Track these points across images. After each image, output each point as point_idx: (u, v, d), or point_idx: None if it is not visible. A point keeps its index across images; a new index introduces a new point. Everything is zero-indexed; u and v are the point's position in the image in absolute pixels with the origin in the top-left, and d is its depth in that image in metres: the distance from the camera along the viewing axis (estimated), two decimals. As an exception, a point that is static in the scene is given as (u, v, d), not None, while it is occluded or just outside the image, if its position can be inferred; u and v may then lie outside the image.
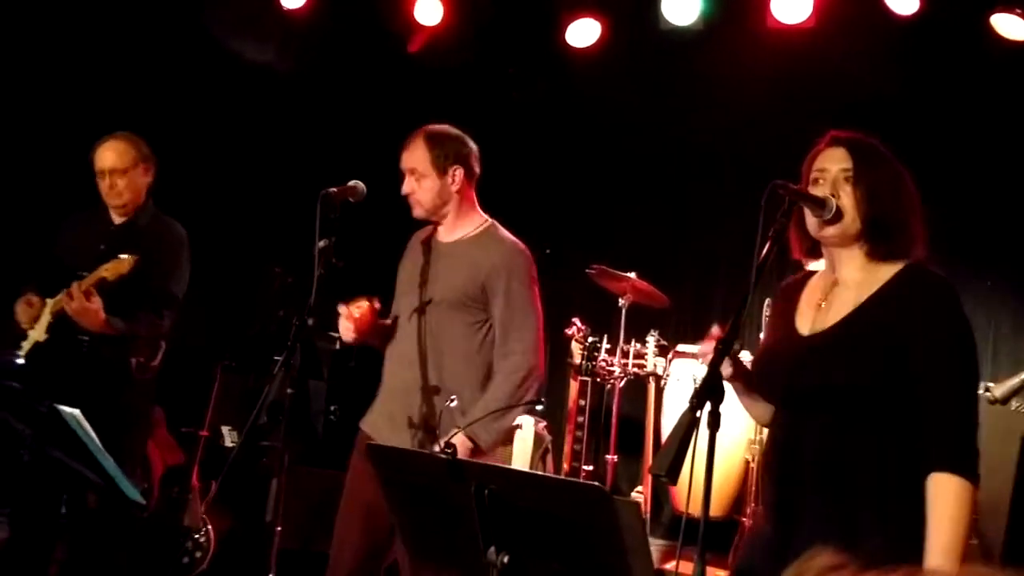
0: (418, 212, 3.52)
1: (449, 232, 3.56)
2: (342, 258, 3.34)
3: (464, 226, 3.54)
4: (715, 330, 2.58)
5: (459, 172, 3.48)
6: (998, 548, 4.94)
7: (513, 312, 3.42)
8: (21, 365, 4.13)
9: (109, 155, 4.28)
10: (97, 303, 3.97)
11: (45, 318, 4.17)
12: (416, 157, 3.45)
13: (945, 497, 2.24)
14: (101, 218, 4.38)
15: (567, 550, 2.23)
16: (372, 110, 6.67)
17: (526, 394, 3.37)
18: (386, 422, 3.45)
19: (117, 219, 4.37)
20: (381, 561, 3.44)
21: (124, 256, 3.96)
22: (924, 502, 2.28)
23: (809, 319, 2.51)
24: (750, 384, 2.60)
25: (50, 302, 4.18)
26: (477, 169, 3.58)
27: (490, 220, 3.60)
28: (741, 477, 5.21)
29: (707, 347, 2.53)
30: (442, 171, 3.46)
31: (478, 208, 3.61)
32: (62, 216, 4.54)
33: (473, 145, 3.58)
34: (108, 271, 3.97)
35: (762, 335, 4.79)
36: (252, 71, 6.47)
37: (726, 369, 2.46)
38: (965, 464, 2.27)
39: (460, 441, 3.25)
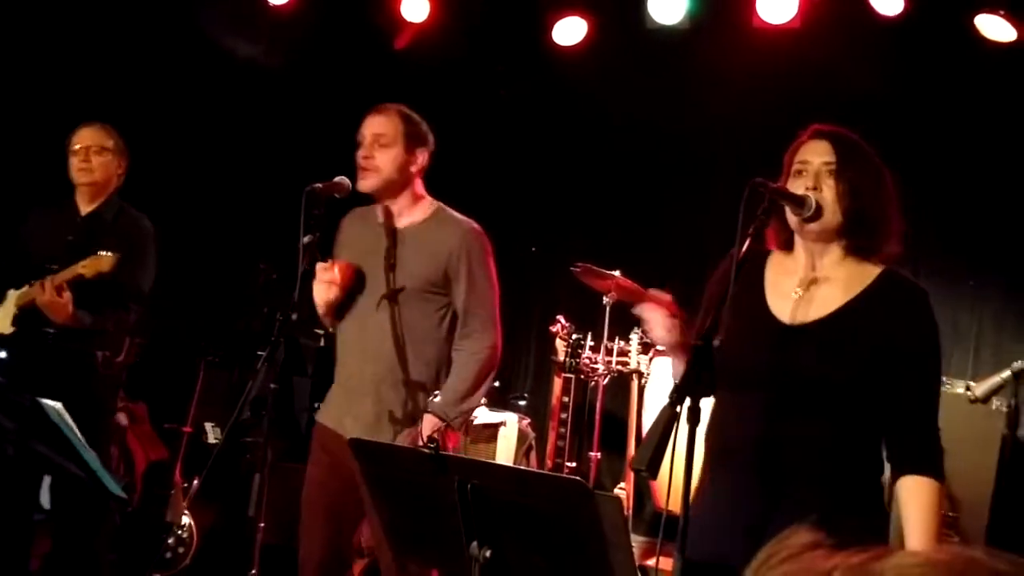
0: (371, 182, 3.40)
1: (400, 216, 3.48)
2: (327, 254, 3.35)
3: (415, 211, 3.48)
4: (664, 296, 2.66)
5: (423, 156, 3.46)
6: (979, 546, 4.97)
7: (475, 293, 3.43)
8: (1, 360, 4.12)
9: (89, 132, 4.32)
10: (67, 297, 3.95)
11: (10, 310, 4.15)
12: (387, 124, 3.39)
13: (920, 499, 2.34)
14: (67, 209, 4.36)
15: (549, 545, 2.24)
16: (358, 106, 6.63)
17: (491, 371, 3.46)
18: (350, 415, 3.39)
19: (84, 208, 4.34)
20: (350, 549, 3.43)
21: (104, 253, 3.91)
22: (872, 490, 2.43)
23: (787, 308, 2.51)
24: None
25: (15, 294, 4.16)
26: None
27: (437, 202, 3.56)
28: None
29: (642, 308, 2.62)
30: (410, 148, 3.41)
31: (427, 195, 3.57)
32: (26, 208, 4.51)
33: None
34: (86, 268, 3.93)
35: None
36: (238, 67, 6.47)
37: (671, 335, 2.51)
38: (937, 466, 2.39)
39: (431, 420, 3.26)
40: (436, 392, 3.37)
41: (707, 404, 2.23)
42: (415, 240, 3.42)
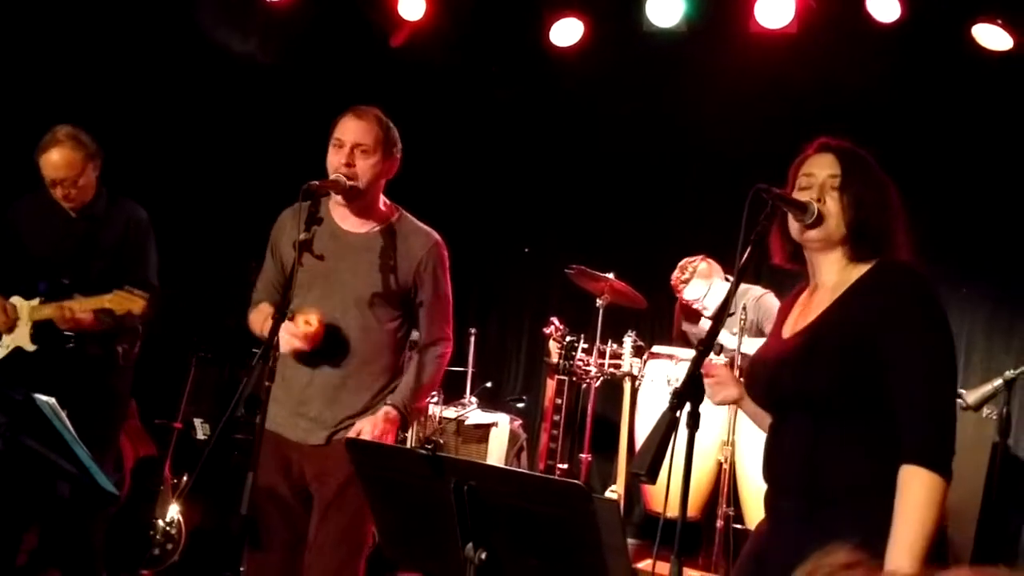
0: (352, 186, 3.31)
1: (360, 222, 3.43)
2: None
3: (376, 216, 3.44)
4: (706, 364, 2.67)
5: (397, 162, 3.45)
6: (967, 554, 4.99)
7: (438, 300, 3.45)
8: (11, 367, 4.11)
9: (60, 162, 4.14)
10: (89, 316, 4.01)
11: (26, 324, 4.14)
12: (368, 132, 3.34)
13: (912, 490, 2.20)
14: (57, 208, 4.28)
15: (545, 547, 2.23)
16: (354, 104, 6.65)
17: (442, 373, 3.55)
18: (303, 418, 3.34)
19: (73, 211, 4.30)
20: (303, 547, 3.39)
21: (137, 294, 3.88)
22: (875, 495, 2.27)
23: (791, 324, 2.56)
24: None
25: (27, 307, 4.15)
26: None
27: (399, 208, 3.53)
28: (713, 478, 5.24)
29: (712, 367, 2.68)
30: (388, 154, 3.40)
31: (387, 199, 3.54)
32: (7, 200, 4.46)
33: None
34: (114, 303, 3.90)
35: (739, 337, 4.82)
36: (234, 63, 6.44)
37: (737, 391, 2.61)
38: (936, 458, 2.22)
39: (390, 412, 3.26)
40: (386, 395, 3.36)
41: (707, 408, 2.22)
42: (380, 246, 3.38)
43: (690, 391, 2.11)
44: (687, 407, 2.12)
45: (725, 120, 6.26)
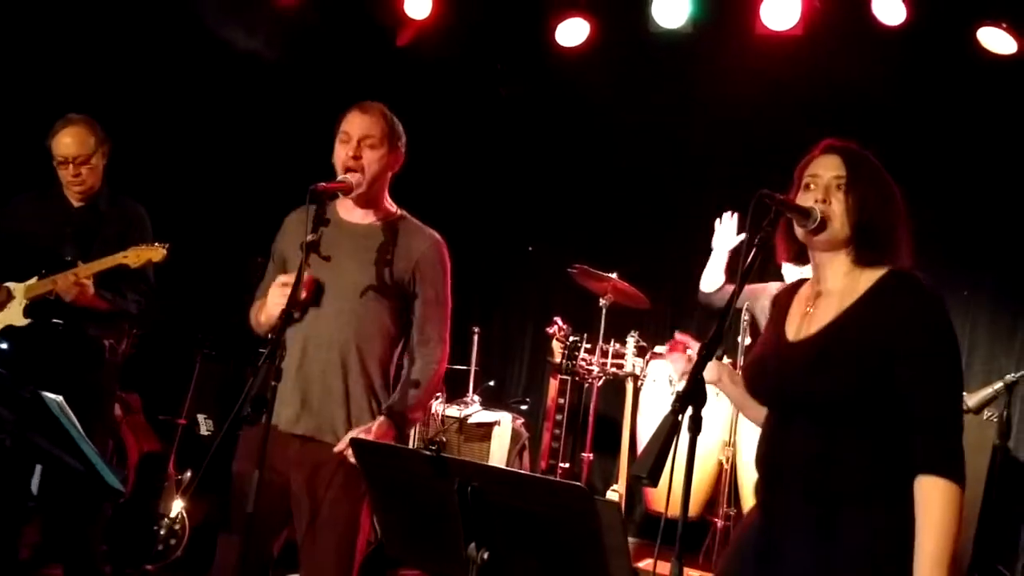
0: (353, 180, 3.33)
1: (363, 214, 3.45)
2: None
3: (379, 210, 3.46)
4: (677, 335, 2.70)
5: (402, 156, 3.48)
6: (967, 557, 5.01)
7: (436, 301, 3.43)
8: (4, 350, 4.12)
9: (73, 142, 4.23)
10: (90, 286, 4.02)
11: (20, 301, 4.15)
12: (375, 125, 3.37)
13: (934, 501, 2.26)
14: (58, 201, 4.32)
15: (547, 547, 2.25)
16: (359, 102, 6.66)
17: (440, 378, 3.50)
18: (298, 408, 3.32)
19: (76, 202, 4.33)
20: (269, 558, 3.39)
21: (156, 244, 4.01)
22: (905, 503, 2.30)
23: (795, 325, 2.56)
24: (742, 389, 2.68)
25: (22, 286, 4.16)
26: None
27: (401, 209, 3.54)
28: (714, 479, 5.26)
29: (674, 355, 2.67)
30: (393, 147, 3.43)
31: (390, 199, 3.57)
32: (7, 195, 4.47)
33: None
34: (130, 258, 3.99)
35: (741, 339, 4.83)
36: (239, 60, 6.45)
37: (715, 373, 2.57)
38: (952, 467, 2.28)
39: (383, 424, 3.25)
40: (379, 389, 3.36)
41: (709, 409, 2.23)
42: (381, 239, 3.40)
43: (691, 395, 2.13)
44: (689, 411, 2.14)
45: (730, 121, 6.27)
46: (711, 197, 6.39)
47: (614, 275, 5.44)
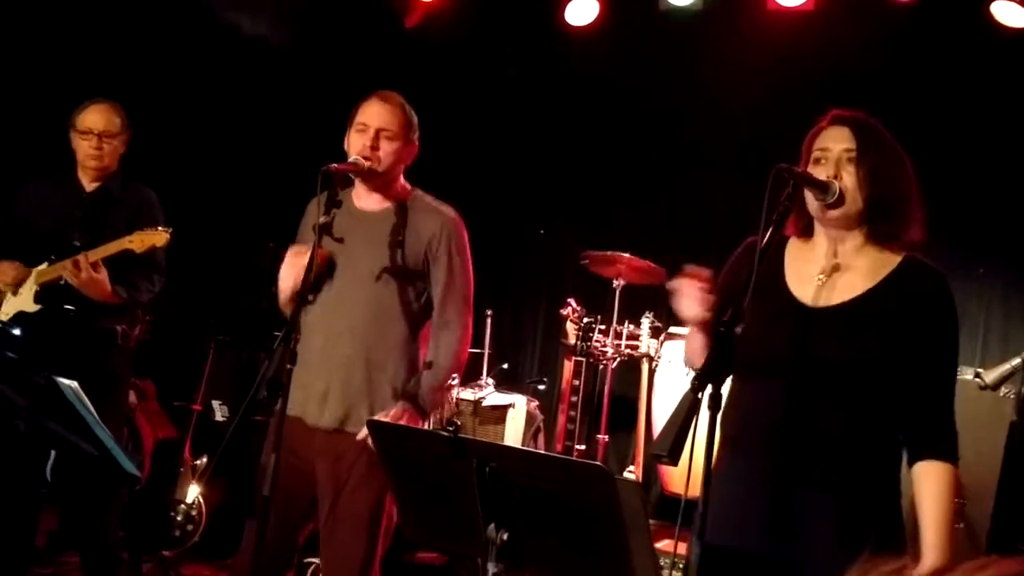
0: (371, 168, 3.34)
1: (377, 199, 3.46)
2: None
3: (392, 195, 3.46)
4: (690, 268, 2.55)
5: (416, 148, 3.48)
6: (984, 533, 4.99)
7: (453, 281, 3.42)
8: (17, 336, 4.11)
9: (100, 117, 4.26)
10: (104, 274, 3.99)
11: (31, 287, 4.14)
12: (392, 118, 3.37)
13: (939, 485, 2.35)
14: (69, 184, 4.31)
15: (567, 528, 2.24)
16: (367, 85, 6.62)
17: (462, 361, 3.50)
18: (322, 401, 3.34)
19: (88, 184, 4.31)
20: (292, 551, 3.40)
21: (160, 229, 4.00)
22: (892, 471, 2.43)
23: (810, 291, 2.50)
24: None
25: (35, 271, 4.15)
26: None
27: (414, 188, 3.54)
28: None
29: (680, 282, 2.54)
30: (409, 140, 3.43)
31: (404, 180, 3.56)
32: (16, 182, 4.46)
33: None
34: (135, 243, 3.97)
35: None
36: (247, 43, 6.43)
37: (702, 311, 2.47)
38: (953, 452, 2.40)
39: (400, 408, 3.25)
40: (401, 376, 3.35)
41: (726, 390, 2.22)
42: (392, 222, 3.40)
43: (711, 373, 2.11)
44: (709, 388, 2.12)
45: (741, 98, 6.22)
46: (723, 175, 6.36)
47: (627, 255, 5.41)
